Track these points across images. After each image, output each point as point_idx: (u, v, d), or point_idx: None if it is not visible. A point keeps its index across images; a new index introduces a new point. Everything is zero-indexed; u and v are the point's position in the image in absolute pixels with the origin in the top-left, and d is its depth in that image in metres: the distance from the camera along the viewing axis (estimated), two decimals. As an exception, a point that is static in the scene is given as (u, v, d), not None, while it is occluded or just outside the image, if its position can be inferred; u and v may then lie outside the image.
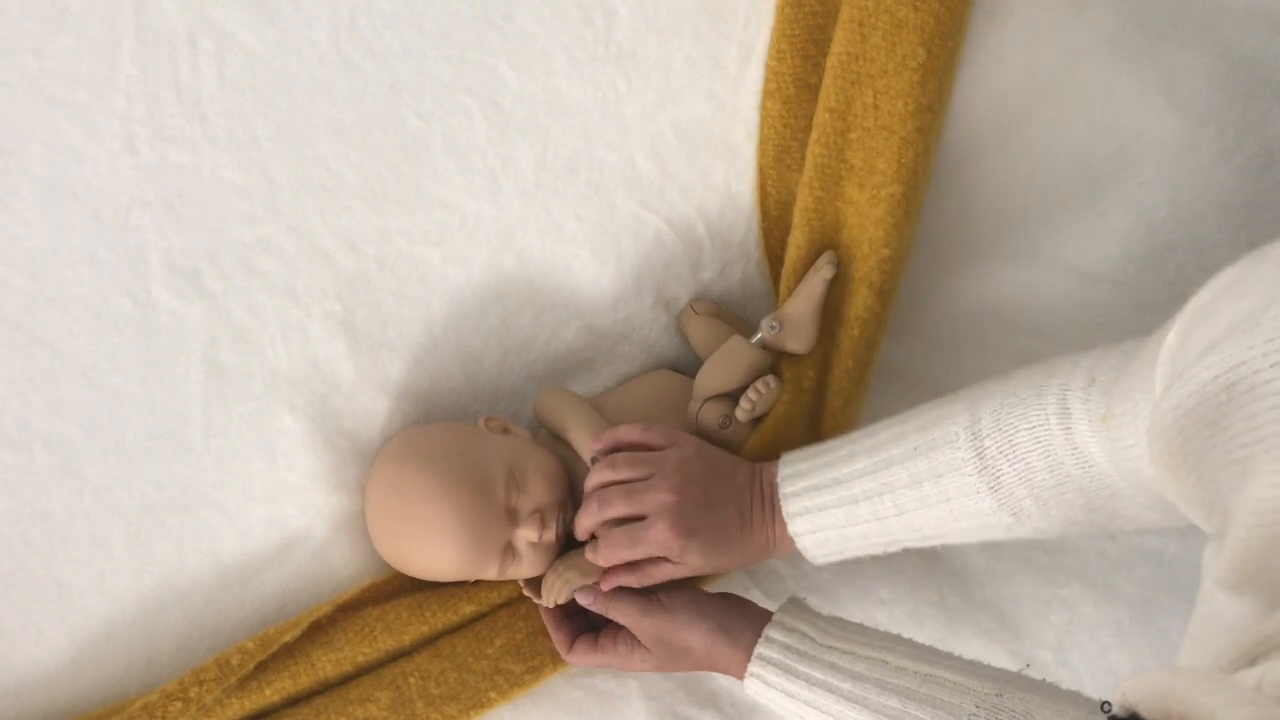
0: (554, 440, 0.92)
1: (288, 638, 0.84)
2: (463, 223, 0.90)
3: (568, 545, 0.90)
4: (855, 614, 0.95)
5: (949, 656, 0.76)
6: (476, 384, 0.94)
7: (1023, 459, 0.73)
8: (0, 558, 0.81)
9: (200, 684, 0.81)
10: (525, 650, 0.88)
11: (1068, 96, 0.96)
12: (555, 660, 0.89)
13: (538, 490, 0.86)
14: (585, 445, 0.88)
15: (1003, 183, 0.97)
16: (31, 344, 0.81)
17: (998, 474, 0.74)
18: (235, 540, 0.87)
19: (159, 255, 0.83)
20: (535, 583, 0.89)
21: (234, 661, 0.82)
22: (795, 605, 0.82)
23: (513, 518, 0.85)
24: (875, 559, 0.96)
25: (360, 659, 0.86)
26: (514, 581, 0.90)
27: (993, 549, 0.97)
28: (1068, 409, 0.71)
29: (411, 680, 0.86)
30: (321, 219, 0.87)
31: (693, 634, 0.82)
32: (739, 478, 0.85)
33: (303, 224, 0.86)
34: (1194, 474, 0.55)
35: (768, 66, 0.94)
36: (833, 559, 0.84)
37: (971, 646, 0.95)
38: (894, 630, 0.95)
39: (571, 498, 0.89)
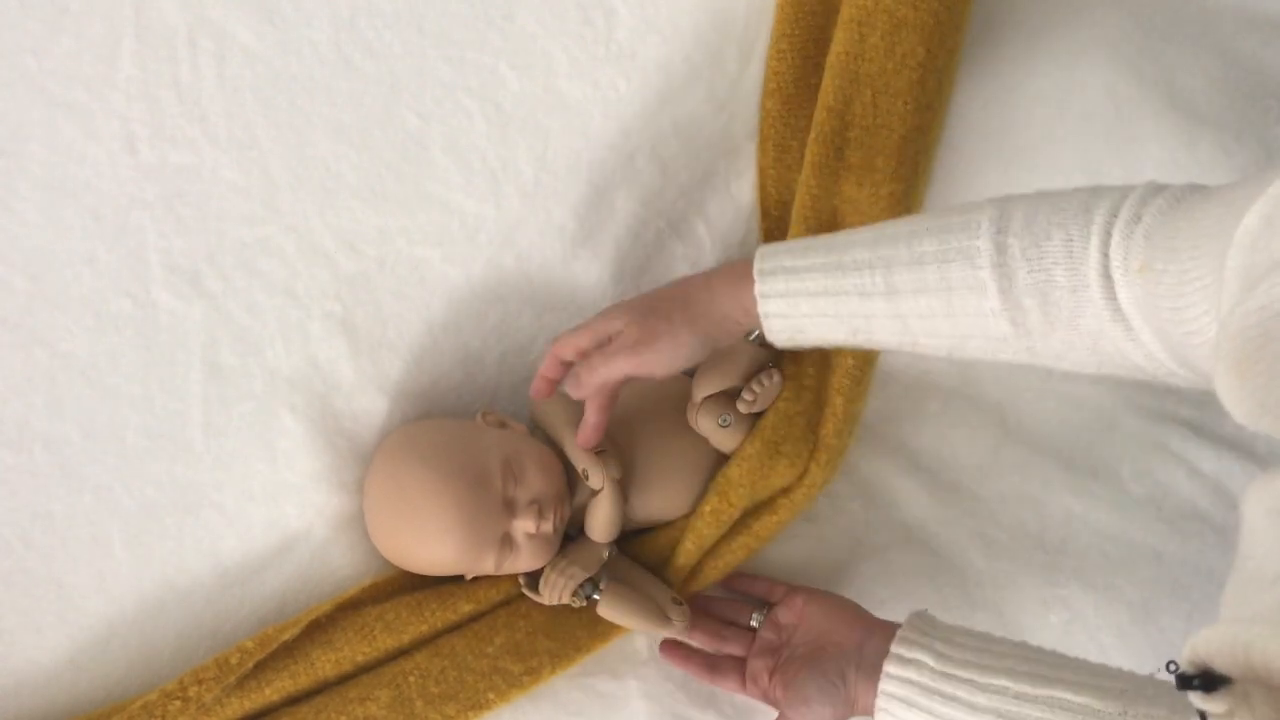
0: (550, 442, 0.92)
1: (287, 635, 0.84)
2: (463, 223, 0.90)
3: (565, 544, 0.91)
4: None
5: (1073, 669, 0.73)
6: (476, 384, 0.94)
7: (1046, 269, 0.66)
8: (0, 558, 0.81)
9: (199, 683, 0.81)
10: (524, 649, 0.88)
11: (1067, 96, 0.96)
12: (554, 661, 0.89)
13: (535, 481, 0.86)
14: (579, 453, 0.88)
15: (1002, 182, 0.97)
16: (31, 344, 0.81)
17: (1012, 275, 0.67)
18: (235, 540, 0.86)
19: (159, 255, 0.83)
20: (533, 580, 0.89)
21: (233, 660, 0.82)
22: (913, 628, 0.80)
23: (510, 509, 0.85)
24: (874, 558, 0.96)
25: (359, 658, 0.86)
26: (514, 579, 0.90)
27: (992, 549, 0.97)
28: (1109, 235, 0.64)
29: (411, 679, 0.86)
30: (321, 219, 0.87)
31: (821, 705, 0.82)
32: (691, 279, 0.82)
33: (303, 224, 0.86)
34: (1268, 376, 0.51)
35: (768, 66, 0.94)
36: (789, 336, 0.77)
37: (972, 647, 0.95)
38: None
39: (568, 493, 0.89)
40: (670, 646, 0.91)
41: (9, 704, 0.82)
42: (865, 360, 0.93)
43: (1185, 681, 0.49)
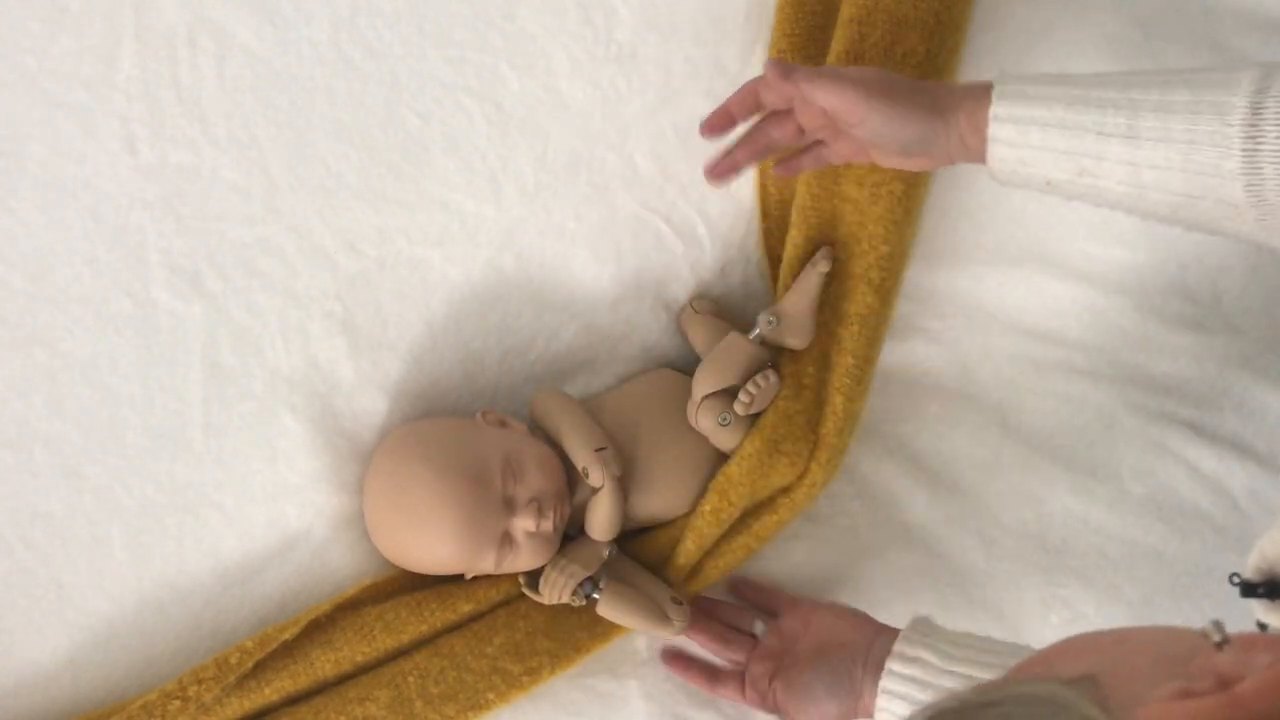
0: (550, 441, 0.92)
1: (286, 635, 0.84)
2: (463, 223, 0.90)
3: (565, 544, 0.91)
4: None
5: None
6: (476, 384, 0.94)
7: None
8: (0, 558, 0.81)
9: (199, 683, 0.81)
10: (524, 649, 0.88)
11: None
12: (553, 662, 0.89)
13: (535, 479, 0.86)
14: (579, 450, 0.88)
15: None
16: (31, 344, 0.81)
17: (1260, 139, 0.64)
18: (235, 540, 0.87)
19: (159, 255, 0.83)
20: (534, 579, 0.89)
21: (233, 660, 0.82)
22: (916, 630, 0.80)
23: (510, 507, 0.85)
24: (874, 558, 0.96)
25: (359, 658, 0.86)
26: (513, 579, 0.91)
27: (992, 549, 0.97)
28: None
29: (410, 679, 0.86)
30: (321, 219, 0.87)
31: (828, 702, 0.82)
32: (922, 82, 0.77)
33: (303, 224, 0.86)
34: None
35: (768, 66, 0.94)
36: (1013, 168, 0.73)
37: (972, 647, 0.95)
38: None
39: (568, 491, 0.89)
40: (671, 655, 0.91)
41: (9, 704, 0.82)
42: (865, 359, 0.93)
43: (1249, 590, 0.48)
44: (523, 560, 0.87)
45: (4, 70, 0.79)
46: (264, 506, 0.87)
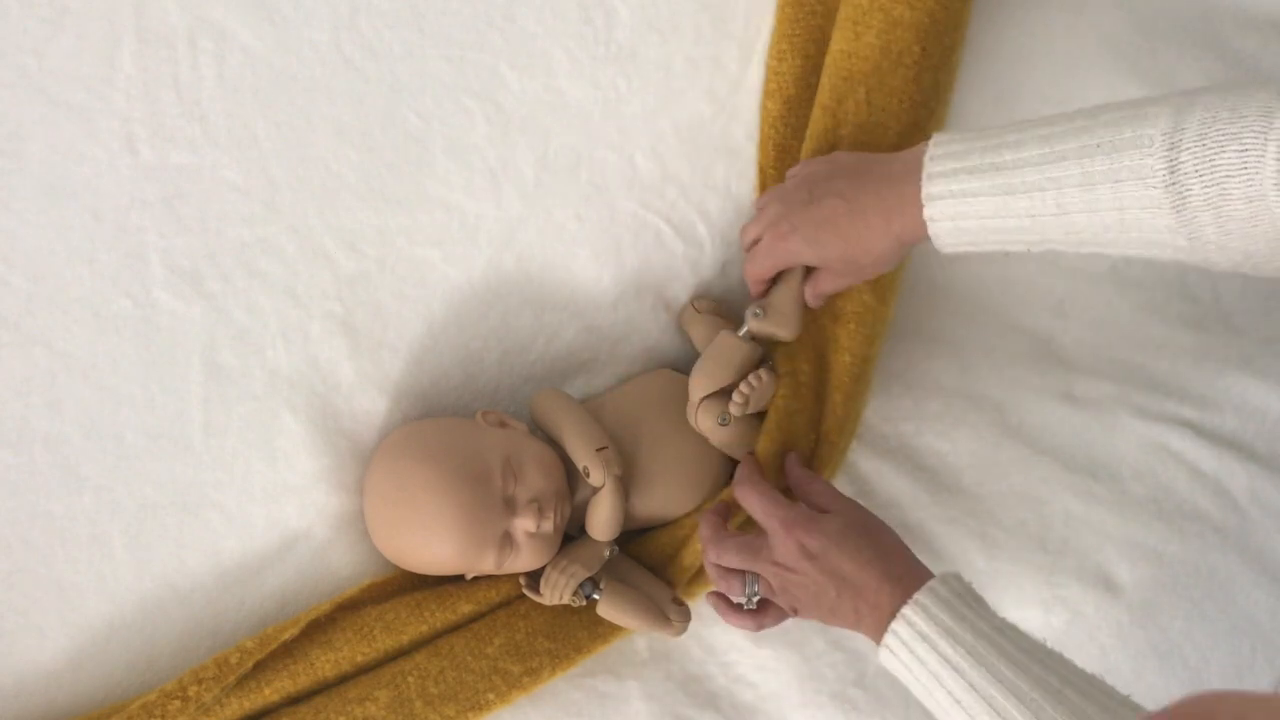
0: (550, 441, 0.92)
1: (286, 635, 0.84)
2: (463, 223, 0.90)
3: (566, 544, 0.90)
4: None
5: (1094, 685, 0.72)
6: (476, 384, 0.94)
7: (1220, 183, 0.65)
8: (0, 558, 0.81)
9: (199, 683, 0.81)
10: (524, 650, 0.88)
11: (1067, 96, 0.96)
12: (554, 662, 0.89)
13: (535, 480, 0.86)
14: (580, 450, 0.88)
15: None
16: (31, 344, 0.81)
17: (1185, 192, 0.66)
18: (235, 540, 0.87)
19: (159, 256, 0.83)
20: (534, 580, 0.89)
21: (233, 660, 0.83)
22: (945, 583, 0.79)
23: (510, 507, 0.85)
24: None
25: (359, 659, 0.86)
26: (513, 580, 0.91)
27: (993, 549, 0.97)
28: None
29: (410, 679, 0.86)
30: (321, 219, 0.87)
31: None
32: (867, 167, 0.81)
33: (303, 224, 0.87)
34: None
35: (768, 66, 0.94)
36: (964, 249, 0.77)
37: (972, 647, 0.95)
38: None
39: (569, 491, 0.89)
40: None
41: (9, 704, 0.82)
42: (863, 358, 0.92)
43: None
44: (523, 561, 0.87)
45: (4, 70, 0.79)
46: (264, 506, 0.87)
